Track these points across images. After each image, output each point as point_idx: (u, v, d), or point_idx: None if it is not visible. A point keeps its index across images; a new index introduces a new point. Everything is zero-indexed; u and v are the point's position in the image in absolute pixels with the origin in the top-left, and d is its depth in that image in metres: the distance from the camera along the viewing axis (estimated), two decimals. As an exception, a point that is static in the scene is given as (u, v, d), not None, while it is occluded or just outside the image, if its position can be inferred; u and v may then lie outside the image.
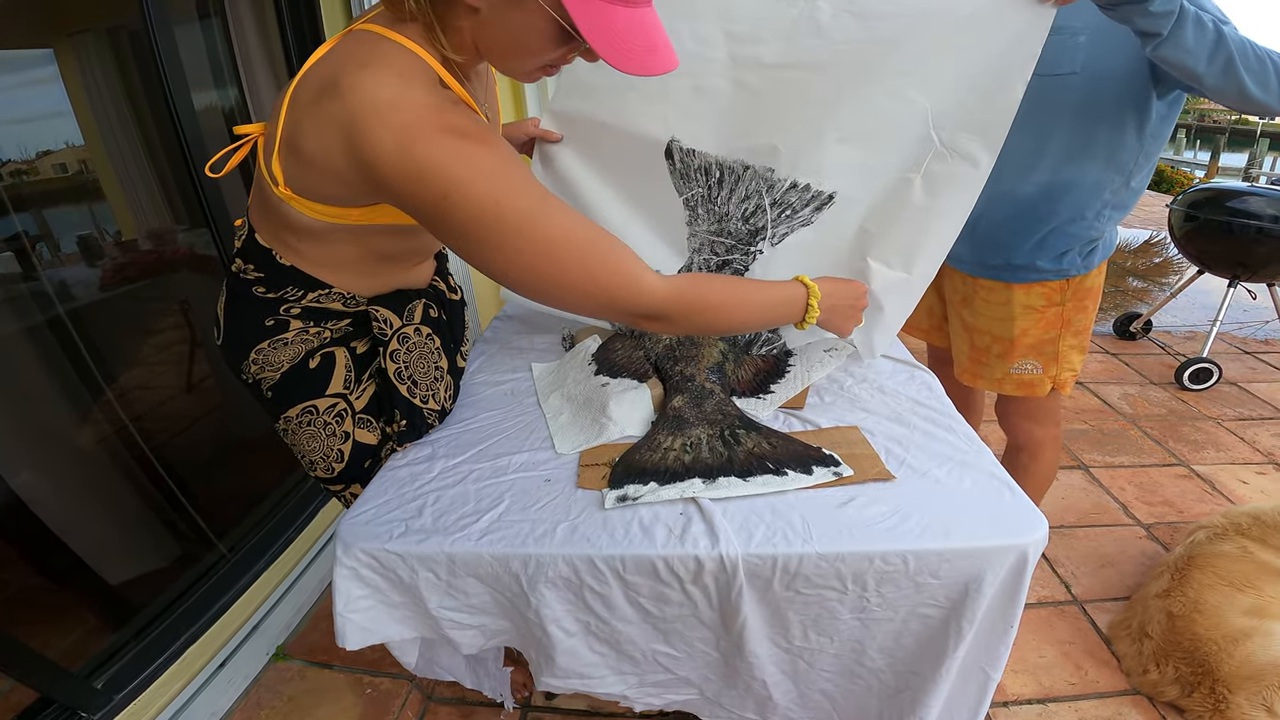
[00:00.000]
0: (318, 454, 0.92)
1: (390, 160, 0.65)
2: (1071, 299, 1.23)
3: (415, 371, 0.94)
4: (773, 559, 0.72)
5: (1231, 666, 1.23)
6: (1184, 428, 2.35)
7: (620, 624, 0.78)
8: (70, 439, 1.31)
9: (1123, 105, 1.06)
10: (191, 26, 1.56)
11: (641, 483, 0.81)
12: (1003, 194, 1.17)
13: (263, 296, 0.86)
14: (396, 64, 0.68)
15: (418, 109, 0.66)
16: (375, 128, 0.65)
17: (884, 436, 0.91)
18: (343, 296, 0.88)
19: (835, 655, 0.82)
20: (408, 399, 0.93)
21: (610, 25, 0.67)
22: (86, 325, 1.31)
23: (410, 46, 0.71)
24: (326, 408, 0.90)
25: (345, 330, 0.91)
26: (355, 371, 0.92)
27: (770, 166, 1.06)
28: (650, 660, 0.82)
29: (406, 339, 0.93)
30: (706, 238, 1.13)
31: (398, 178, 0.66)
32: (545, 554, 0.73)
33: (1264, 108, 0.93)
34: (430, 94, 0.68)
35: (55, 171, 1.34)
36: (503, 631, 0.82)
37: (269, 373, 0.88)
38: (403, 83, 0.67)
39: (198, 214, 1.50)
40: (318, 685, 1.39)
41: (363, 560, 0.75)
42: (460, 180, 0.65)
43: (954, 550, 0.73)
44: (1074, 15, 1.05)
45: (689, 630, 0.80)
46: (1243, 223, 2.53)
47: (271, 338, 0.87)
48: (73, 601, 1.26)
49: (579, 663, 0.80)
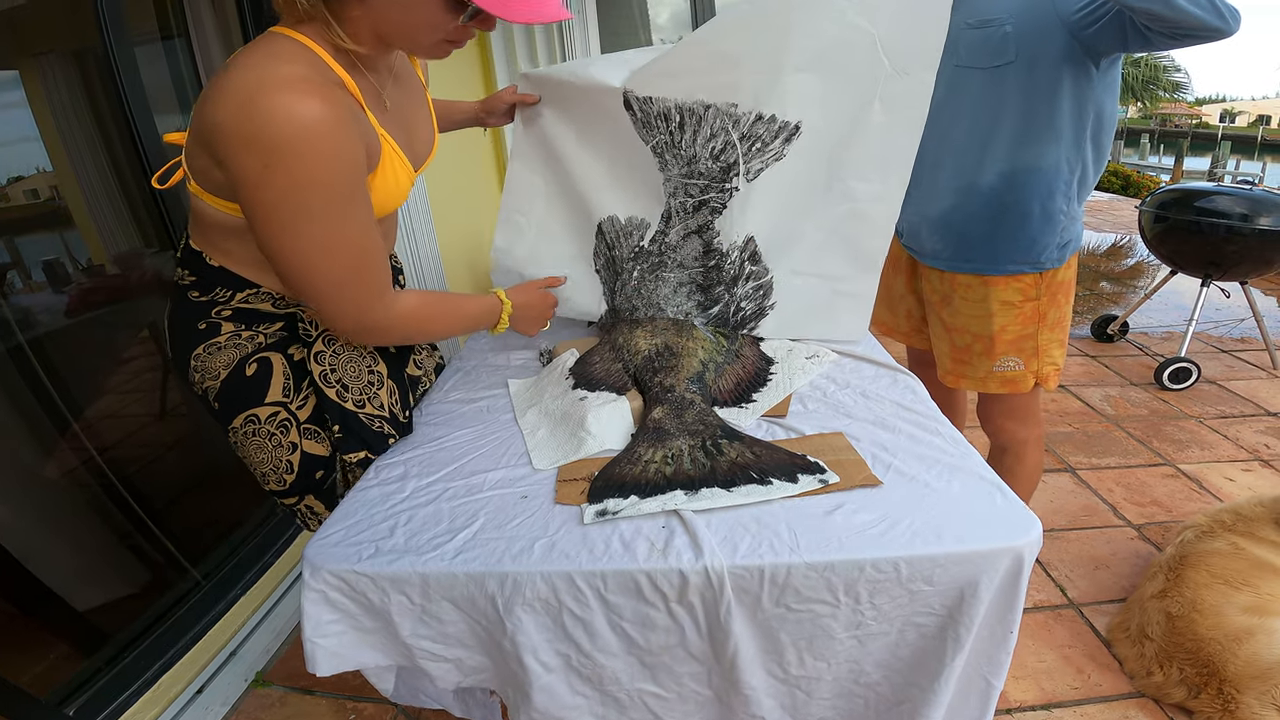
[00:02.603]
0: (267, 465, 0.91)
1: (229, 127, 0.67)
2: (1046, 293, 1.25)
3: (344, 375, 0.93)
4: (760, 570, 0.70)
5: (1237, 666, 1.22)
6: (1167, 427, 2.36)
7: (603, 657, 0.74)
8: (38, 467, 1.27)
9: (1062, 83, 1.09)
10: (155, 48, 1.54)
11: (622, 496, 0.78)
12: (969, 187, 1.20)
13: (196, 300, 0.88)
14: (277, 49, 0.72)
15: (273, 78, 0.68)
16: (224, 95, 0.68)
17: (869, 442, 0.89)
18: (271, 296, 0.89)
19: (833, 680, 0.78)
20: (338, 403, 0.91)
21: None
22: (55, 351, 1.29)
23: (304, 41, 0.74)
24: (268, 416, 0.90)
25: (279, 335, 0.92)
26: (294, 380, 0.92)
27: (733, 102, 1.08)
28: (637, 704, 0.78)
29: (332, 340, 0.93)
30: (680, 181, 1.15)
31: (232, 143, 0.68)
32: (522, 571, 0.70)
33: (1194, 20, 0.91)
34: (301, 68, 0.70)
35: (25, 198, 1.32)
36: (481, 669, 0.78)
37: (210, 381, 0.89)
38: (271, 59, 0.70)
39: (163, 236, 1.47)
40: (299, 711, 1.35)
41: (331, 583, 0.72)
42: (288, 152, 0.67)
43: (947, 555, 0.70)
44: (994, 7, 1.11)
45: (678, 664, 0.76)
46: (1212, 222, 2.58)
47: (205, 341, 0.88)
48: (42, 629, 1.23)
49: (558, 704, 0.75)
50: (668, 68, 1.08)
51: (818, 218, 1.14)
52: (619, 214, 1.22)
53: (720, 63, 1.05)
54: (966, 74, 1.15)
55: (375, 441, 0.93)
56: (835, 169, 1.10)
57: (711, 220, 1.15)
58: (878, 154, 1.08)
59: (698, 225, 1.16)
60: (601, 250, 1.25)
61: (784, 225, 1.15)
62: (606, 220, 1.23)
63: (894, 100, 1.04)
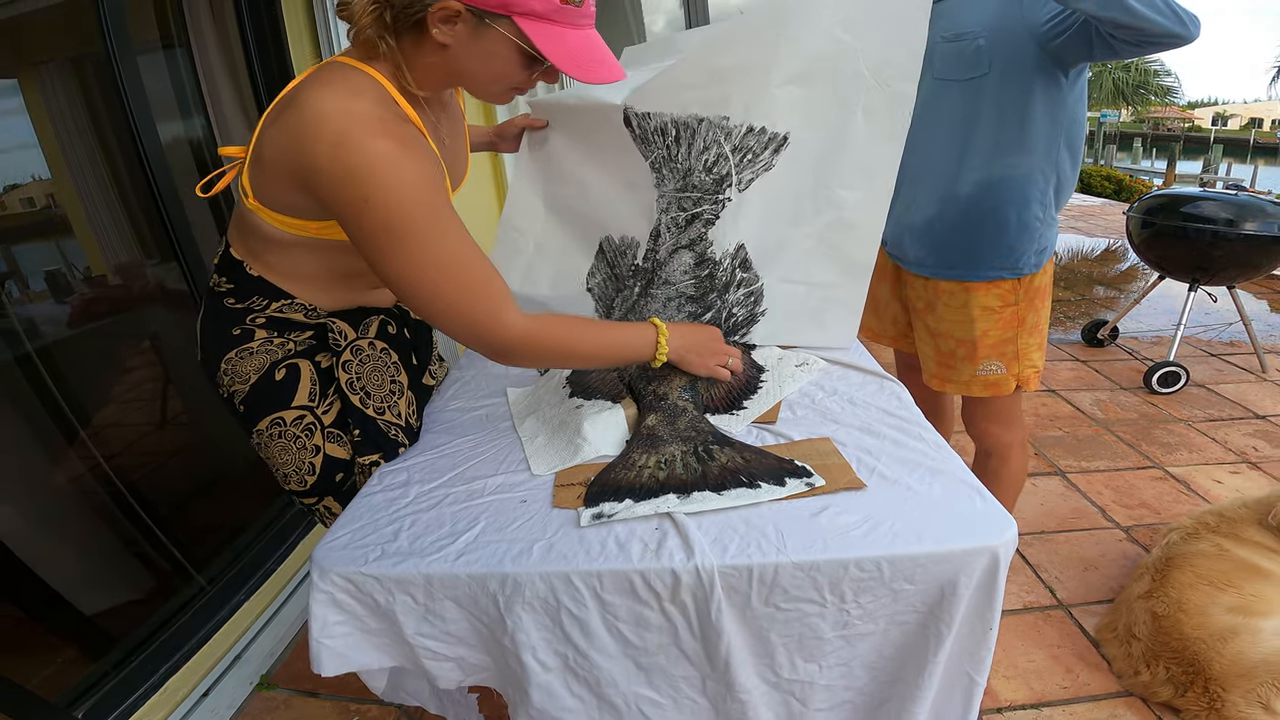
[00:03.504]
0: (290, 466, 0.95)
1: (324, 163, 0.72)
2: (1024, 298, 1.28)
3: (368, 383, 0.97)
4: (748, 569, 0.73)
5: (1223, 665, 1.24)
6: (1156, 430, 2.39)
7: (599, 657, 0.76)
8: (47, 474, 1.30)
9: (1034, 94, 1.13)
10: (156, 56, 1.58)
11: (617, 500, 0.82)
12: (948, 197, 1.24)
13: (231, 307, 0.92)
14: (354, 84, 0.76)
15: (359, 117, 0.73)
16: (316, 133, 0.72)
17: (855, 447, 0.92)
18: (304, 308, 0.93)
19: (826, 686, 0.81)
20: (360, 409, 0.95)
21: (564, 45, 0.78)
22: (62, 361, 1.33)
23: (375, 76, 0.78)
24: (294, 420, 0.94)
25: (308, 344, 0.96)
26: (321, 385, 0.96)
27: (725, 115, 1.12)
28: (634, 710, 0.80)
29: (359, 350, 0.97)
30: (673, 196, 1.18)
31: (328, 179, 0.72)
32: (522, 572, 0.73)
33: (1157, 28, 0.93)
34: (377, 107, 0.75)
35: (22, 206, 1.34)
36: (482, 668, 0.81)
37: (239, 384, 0.93)
38: (352, 96, 0.74)
39: (165, 246, 1.50)
40: (304, 713, 1.38)
41: (339, 585, 0.75)
42: (382, 186, 0.72)
43: (927, 554, 0.73)
44: (967, 21, 1.14)
45: (672, 666, 0.78)
46: (1198, 227, 2.62)
47: (238, 347, 0.92)
48: (51, 633, 1.26)
49: (555, 705, 0.78)
50: (664, 84, 1.11)
51: (806, 225, 1.18)
52: (614, 234, 1.26)
53: (712, 77, 1.08)
54: (943, 86, 1.18)
55: (388, 447, 0.97)
56: (821, 178, 1.14)
57: (704, 233, 1.19)
58: (862, 163, 1.11)
59: (689, 240, 1.20)
60: (602, 268, 1.29)
61: (773, 233, 1.19)
62: (605, 240, 1.27)
63: (876, 111, 1.07)
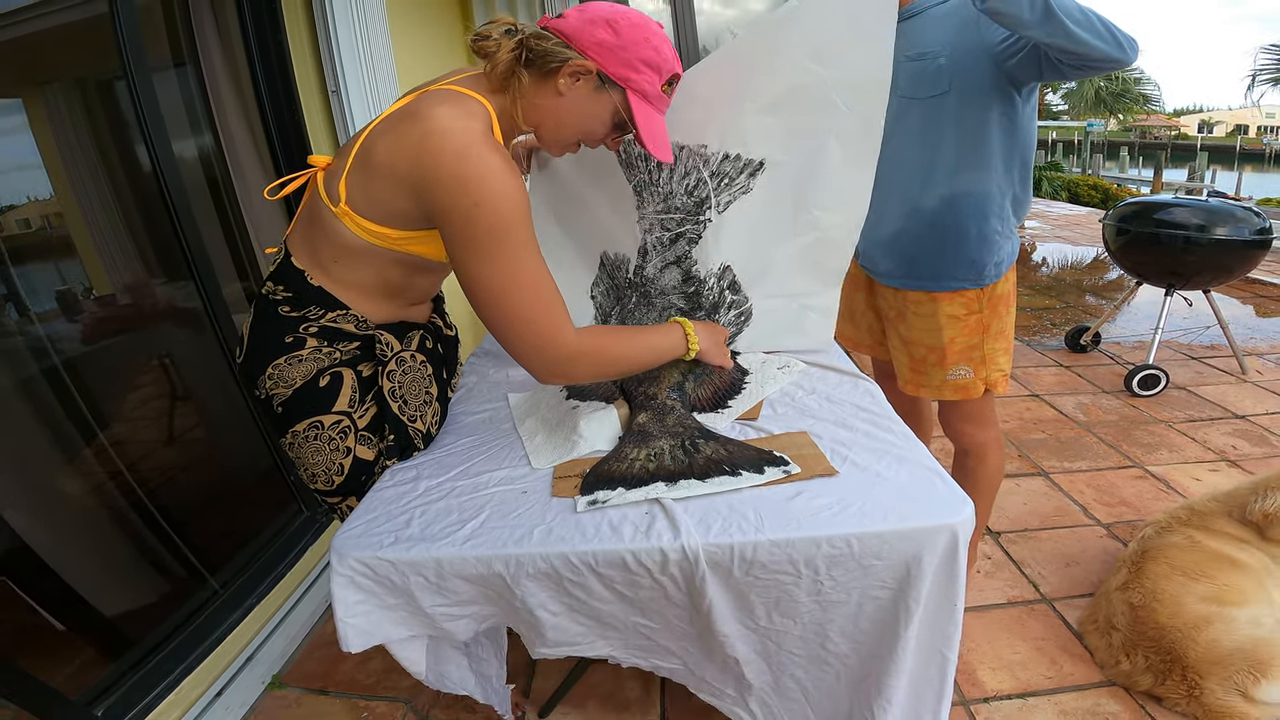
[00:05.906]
0: (320, 467, 1.01)
1: (446, 171, 0.83)
2: (988, 305, 1.35)
3: (407, 392, 1.04)
4: (730, 547, 0.80)
5: (1198, 653, 1.27)
6: (1136, 431, 2.45)
7: (599, 604, 0.85)
8: (70, 484, 1.36)
9: (991, 111, 1.19)
10: (167, 74, 1.62)
11: (610, 488, 0.89)
12: (913, 211, 1.30)
13: (286, 315, 0.98)
14: (468, 107, 0.88)
15: (478, 134, 0.85)
16: (441, 144, 0.83)
17: (830, 439, 0.99)
18: (356, 319, 1.00)
19: (800, 638, 0.89)
20: (397, 415, 1.02)
21: (652, 124, 0.95)
22: (84, 374, 1.38)
23: (488, 108, 0.91)
24: (331, 424, 1.00)
25: (353, 353, 1.02)
26: (360, 393, 1.02)
27: (703, 143, 1.21)
28: (631, 629, 0.89)
29: (403, 362, 1.04)
30: (655, 218, 1.27)
31: (448, 186, 0.83)
32: (525, 553, 0.81)
33: (1098, 53, 0.98)
34: (486, 129, 0.87)
35: (21, 227, 1.35)
36: (492, 615, 0.89)
37: (282, 388, 0.99)
38: (469, 117, 0.86)
39: (180, 266, 1.56)
40: (315, 711, 1.42)
41: (357, 568, 0.82)
42: (493, 194, 0.83)
43: (892, 532, 0.80)
44: (929, 41, 1.19)
45: (663, 608, 0.87)
46: (1170, 233, 2.69)
47: (289, 354, 0.98)
48: (73, 634, 1.30)
49: (566, 635, 0.88)
50: None
51: (788, 246, 1.25)
52: (609, 250, 1.36)
53: (690, 104, 1.15)
54: (908, 104, 1.23)
55: (409, 450, 1.05)
56: (800, 201, 1.21)
57: (689, 250, 1.27)
58: (838, 186, 1.18)
59: (675, 256, 1.28)
60: (604, 279, 1.39)
61: (757, 255, 1.27)
62: (604, 254, 1.37)
63: (848, 135, 1.14)
